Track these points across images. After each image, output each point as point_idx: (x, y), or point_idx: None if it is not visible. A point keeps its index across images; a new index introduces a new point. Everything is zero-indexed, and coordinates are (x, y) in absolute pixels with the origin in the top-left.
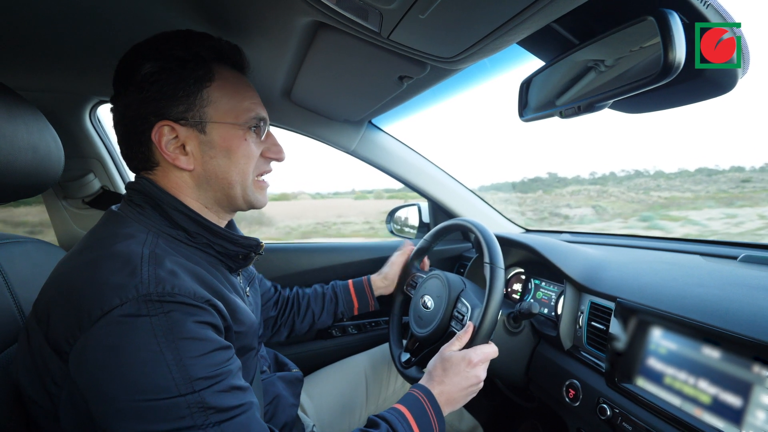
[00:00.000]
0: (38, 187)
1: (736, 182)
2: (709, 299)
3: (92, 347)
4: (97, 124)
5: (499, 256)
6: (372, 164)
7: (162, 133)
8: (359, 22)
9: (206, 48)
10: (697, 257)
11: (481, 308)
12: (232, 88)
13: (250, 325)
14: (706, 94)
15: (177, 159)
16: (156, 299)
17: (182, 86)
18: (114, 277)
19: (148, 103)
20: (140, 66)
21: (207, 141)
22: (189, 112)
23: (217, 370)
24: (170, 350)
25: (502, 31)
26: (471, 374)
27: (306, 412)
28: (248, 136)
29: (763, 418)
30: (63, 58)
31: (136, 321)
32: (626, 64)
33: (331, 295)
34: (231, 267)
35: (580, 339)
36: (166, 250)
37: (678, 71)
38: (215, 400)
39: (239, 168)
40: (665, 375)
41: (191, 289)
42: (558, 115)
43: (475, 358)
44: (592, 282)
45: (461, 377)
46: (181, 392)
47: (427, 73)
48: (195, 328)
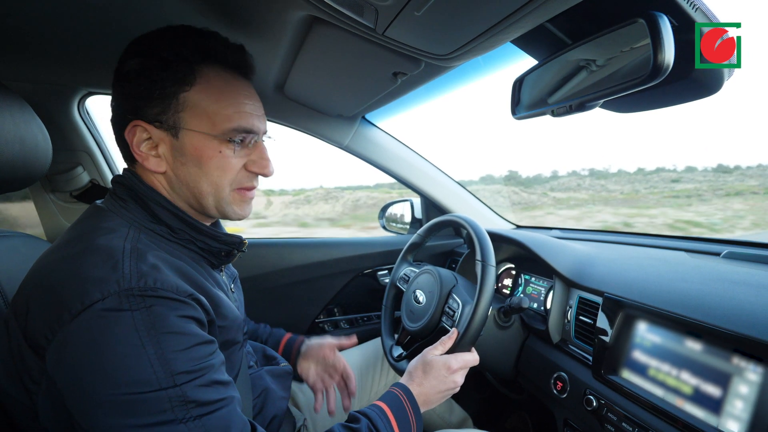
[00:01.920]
0: (25, 180)
1: (666, 181)
2: (692, 294)
3: (72, 342)
4: (85, 117)
5: (490, 253)
6: (365, 160)
7: (134, 133)
8: (355, 18)
9: (194, 48)
10: (682, 253)
11: (472, 305)
12: (217, 94)
13: (233, 319)
14: (693, 95)
15: (147, 160)
16: (138, 294)
17: (158, 87)
18: (95, 272)
19: (127, 100)
20: (128, 60)
21: (179, 147)
22: (164, 115)
23: (198, 364)
24: (152, 344)
25: (496, 30)
26: (449, 379)
27: (299, 407)
28: (224, 147)
29: (740, 407)
30: (50, 48)
31: (117, 315)
32: (617, 65)
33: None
34: (213, 263)
35: (569, 333)
36: (148, 244)
37: (667, 73)
38: (196, 394)
39: (211, 179)
40: (649, 367)
41: (174, 284)
42: (550, 113)
43: (455, 365)
44: (580, 277)
45: (439, 381)
46: (162, 386)
47: (422, 70)
48: (177, 322)
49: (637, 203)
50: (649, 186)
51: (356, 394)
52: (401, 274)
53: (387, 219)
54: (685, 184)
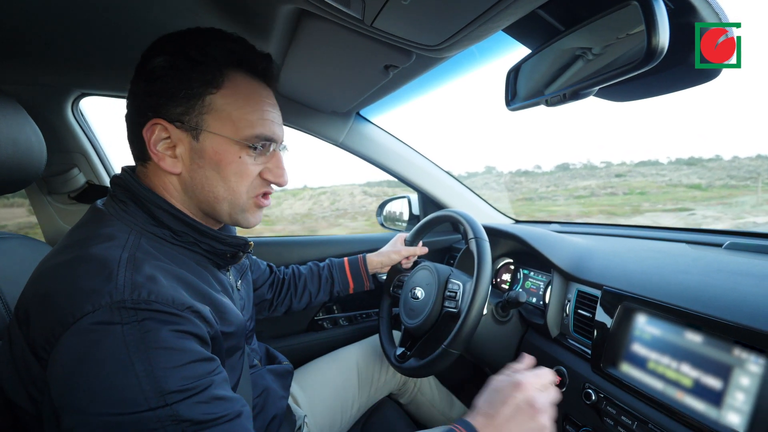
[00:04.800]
0: (20, 182)
1: (610, 176)
2: (693, 286)
3: (62, 356)
4: (80, 118)
5: (481, 229)
6: (361, 156)
7: (153, 131)
8: (342, 9)
9: (224, 51)
10: (682, 245)
11: (472, 281)
12: (243, 100)
13: (238, 325)
14: (690, 82)
15: (163, 160)
16: (130, 306)
17: (185, 87)
18: (88, 282)
19: (149, 97)
20: (154, 57)
21: (198, 149)
22: (186, 116)
23: (194, 382)
24: (141, 361)
25: (486, 17)
26: (520, 398)
27: (298, 404)
28: (244, 153)
29: (741, 399)
30: (43, 49)
31: (107, 329)
32: (611, 52)
33: (327, 276)
34: (219, 264)
35: (567, 327)
36: (149, 251)
37: (661, 57)
38: (191, 413)
39: (229, 185)
40: (649, 360)
41: (169, 296)
42: (544, 103)
43: (525, 380)
44: (579, 271)
45: (508, 405)
46: (151, 406)
47: (413, 62)
48: (170, 337)
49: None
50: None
51: (358, 390)
52: (395, 281)
53: (385, 216)
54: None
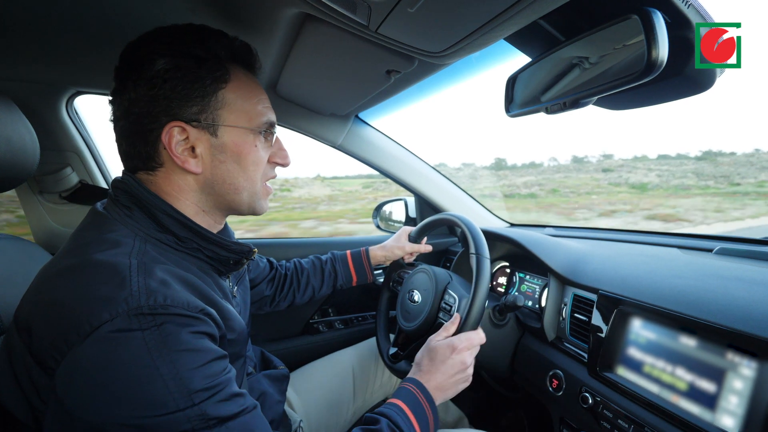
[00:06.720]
0: (12, 180)
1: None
2: (685, 290)
3: (83, 365)
4: (74, 116)
5: (484, 246)
6: (359, 159)
7: (172, 134)
8: (347, 15)
9: (223, 47)
10: (674, 250)
11: (468, 298)
12: (246, 91)
13: (240, 332)
14: (686, 92)
15: (186, 162)
16: (147, 312)
17: (198, 86)
18: (102, 290)
19: (159, 101)
20: (153, 61)
21: (218, 145)
22: (202, 114)
23: (215, 380)
24: (165, 364)
25: (489, 27)
26: (456, 360)
27: (293, 408)
28: (258, 141)
29: (735, 402)
30: (37, 46)
31: (128, 336)
32: (611, 62)
33: (330, 270)
34: (221, 271)
35: (563, 330)
36: (155, 257)
37: (661, 69)
38: (217, 411)
39: (248, 174)
40: (644, 364)
41: (184, 300)
42: (544, 110)
43: (460, 344)
44: (575, 275)
45: (447, 364)
46: (180, 407)
47: (415, 68)
48: (190, 338)
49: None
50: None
51: (354, 394)
52: (395, 276)
53: (381, 218)
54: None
